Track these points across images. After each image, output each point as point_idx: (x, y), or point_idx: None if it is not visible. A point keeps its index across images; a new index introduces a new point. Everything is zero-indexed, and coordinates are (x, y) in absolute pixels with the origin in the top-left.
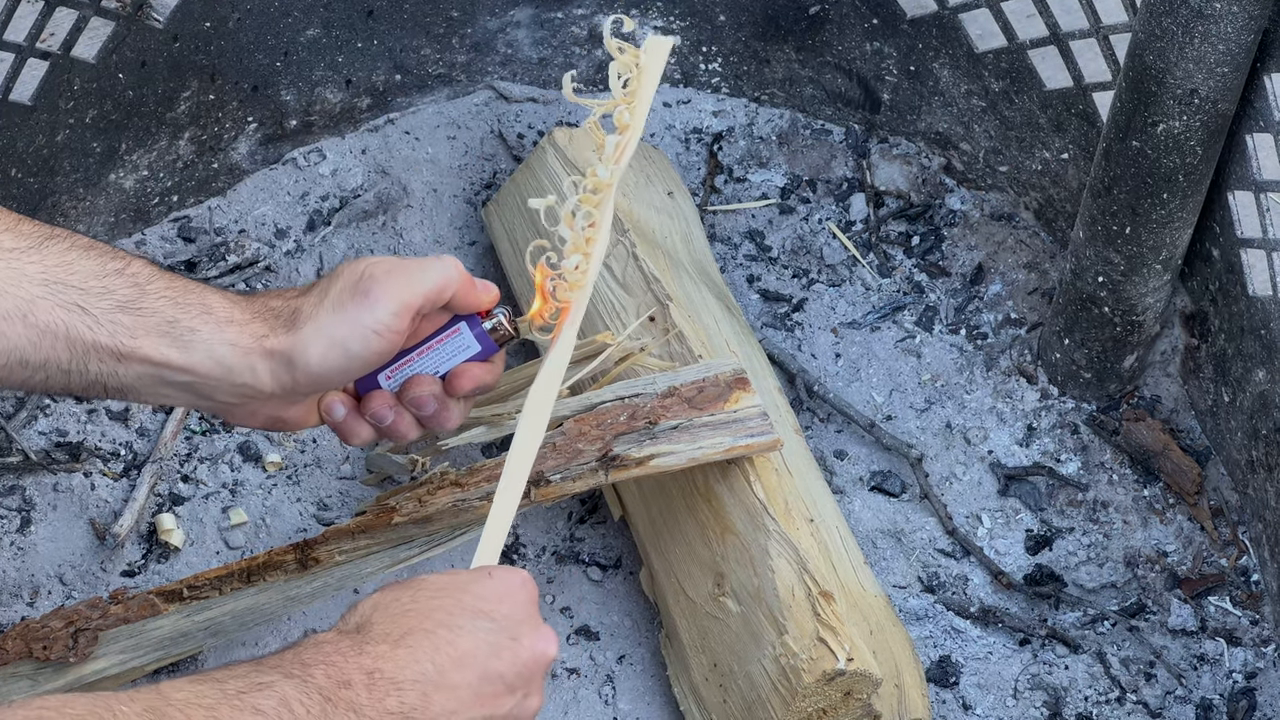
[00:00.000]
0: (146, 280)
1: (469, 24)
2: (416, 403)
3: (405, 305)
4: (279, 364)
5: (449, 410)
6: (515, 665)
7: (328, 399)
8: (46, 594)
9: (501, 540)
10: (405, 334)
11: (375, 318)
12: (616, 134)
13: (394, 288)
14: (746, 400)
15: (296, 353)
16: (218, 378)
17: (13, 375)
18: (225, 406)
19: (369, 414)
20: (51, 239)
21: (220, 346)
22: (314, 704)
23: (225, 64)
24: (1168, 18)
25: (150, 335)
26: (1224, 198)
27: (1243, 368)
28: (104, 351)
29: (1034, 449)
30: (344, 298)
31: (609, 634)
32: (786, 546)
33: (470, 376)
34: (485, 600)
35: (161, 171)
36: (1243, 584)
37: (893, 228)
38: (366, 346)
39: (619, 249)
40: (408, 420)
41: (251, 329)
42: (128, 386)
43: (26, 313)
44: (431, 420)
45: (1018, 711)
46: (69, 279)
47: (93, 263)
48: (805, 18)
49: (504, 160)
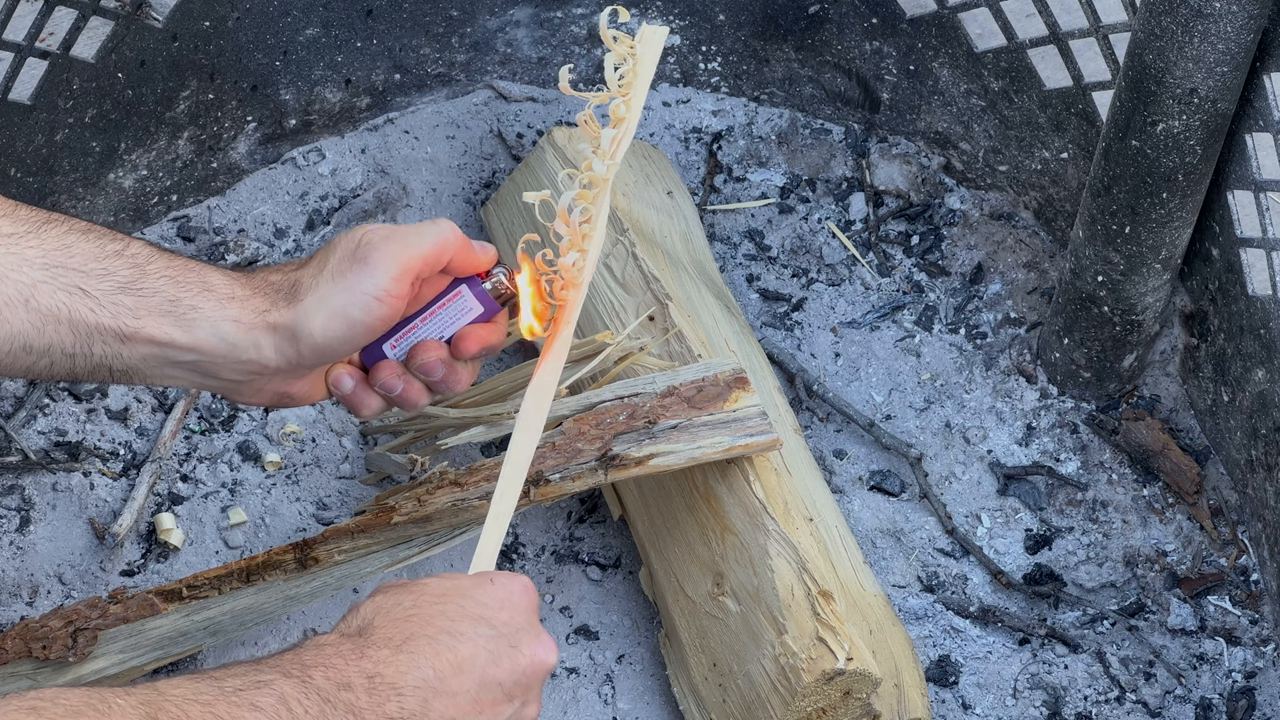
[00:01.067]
0: (146, 260)
1: (468, 23)
2: (424, 369)
3: (404, 269)
4: (283, 338)
5: (457, 373)
6: (514, 673)
7: (335, 372)
8: (46, 593)
9: (498, 544)
10: (406, 299)
11: (375, 284)
12: (612, 128)
13: (392, 253)
14: (746, 400)
15: (299, 325)
16: (222, 355)
17: (17, 362)
18: (231, 385)
19: (378, 385)
20: (49, 223)
21: (223, 323)
22: (312, 704)
23: (224, 63)
24: (1167, 17)
25: (153, 315)
26: (1223, 197)
27: (1242, 367)
28: (107, 334)
29: (1033, 448)
30: (343, 266)
31: (608, 633)
32: (786, 546)
33: (476, 338)
34: (486, 607)
35: (161, 171)
36: (1242, 583)
37: (892, 227)
38: (368, 313)
39: (618, 248)
40: (417, 387)
41: (253, 304)
42: (132, 369)
43: (28, 298)
44: (441, 385)
45: (1017, 711)
46: (69, 262)
47: (91, 245)
48: (805, 17)
49: (503, 160)
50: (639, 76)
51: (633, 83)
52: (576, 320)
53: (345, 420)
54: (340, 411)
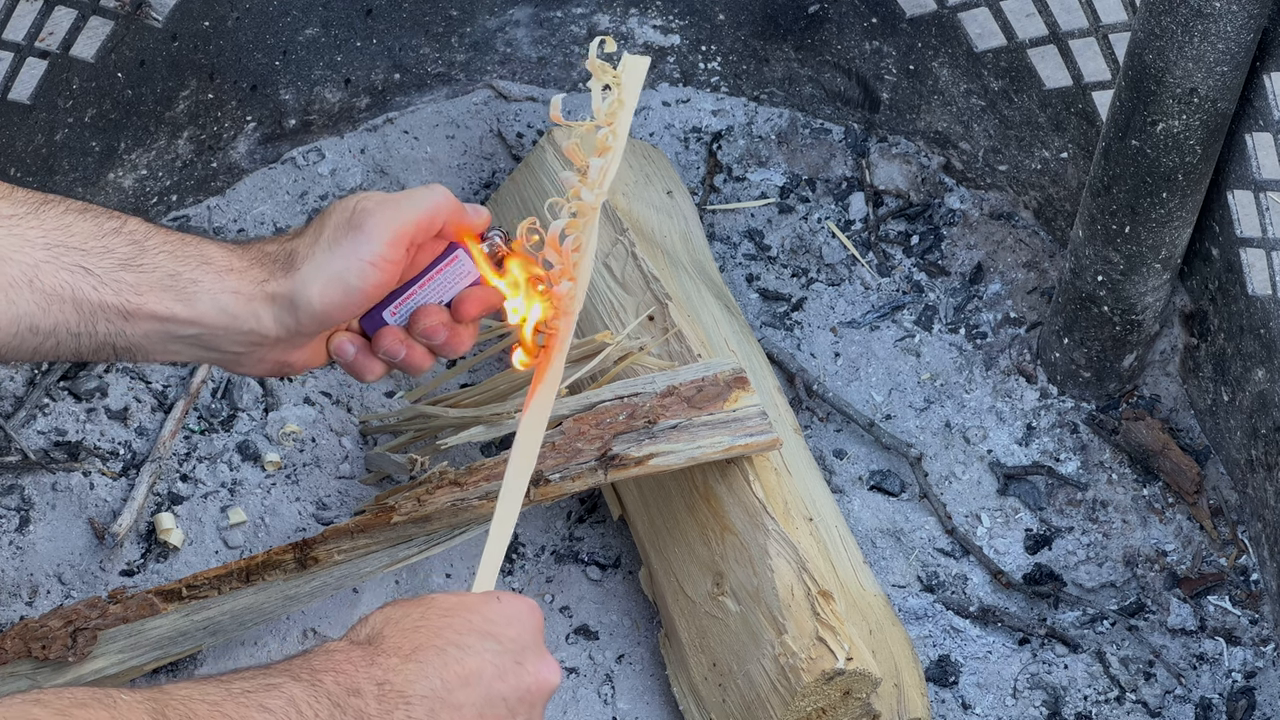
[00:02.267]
0: (144, 236)
1: (468, 23)
2: (427, 333)
3: (399, 235)
4: (281, 307)
5: (460, 336)
6: (519, 690)
7: (336, 340)
8: (45, 593)
9: (497, 567)
10: (402, 264)
11: (371, 250)
12: (598, 156)
13: (386, 219)
14: (746, 399)
15: (298, 293)
16: (223, 327)
17: (25, 344)
18: (232, 356)
19: (382, 351)
20: (46, 204)
21: (223, 295)
22: (322, 708)
23: (224, 63)
24: (1167, 16)
25: (154, 291)
26: (1223, 197)
27: (1242, 367)
28: (111, 311)
29: (1033, 448)
30: (338, 234)
31: (608, 633)
32: (785, 546)
33: (476, 300)
34: (493, 623)
35: (160, 171)
36: (1242, 583)
37: (892, 227)
38: (365, 280)
39: (618, 248)
40: (420, 352)
41: (251, 275)
42: (136, 345)
43: (32, 278)
44: (444, 348)
45: (1017, 711)
46: (69, 241)
47: (90, 224)
48: (804, 17)
49: (503, 159)
50: (624, 106)
51: (618, 112)
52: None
53: (345, 420)
54: (340, 411)
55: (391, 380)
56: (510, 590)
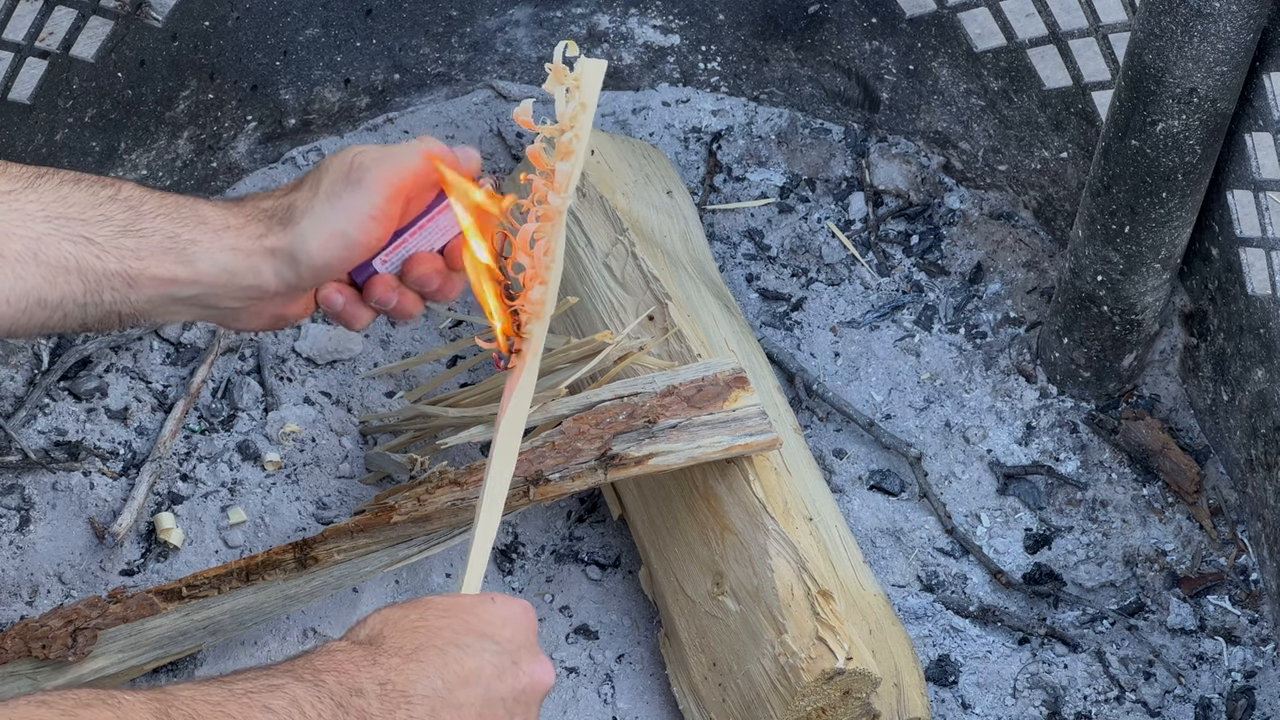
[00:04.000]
0: (139, 201)
1: (468, 23)
2: (421, 280)
3: (397, 189)
4: (281, 261)
5: (452, 282)
6: (516, 690)
7: (324, 291)
8: (45, 593)
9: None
10: (398, 217)
11: (370, 203)
12: (562, 160)
13: (383, 172)
14: (745, 399)
15: (298, 247)
16: (223, 284)
17: (33, 319)
18: (230, 313)
19: (374, 299)
20: (41, 177)
21: (221, 253)
22: (325, 708)
23: (224, 63)
24: (1167, 17)
25: (155, 255)
26: (1223, 197)
27: (1242, 366)
28: (115, 278)
29: (1033, 448)
30: (337, 188)
31: (608, 633)
32: (785, 545)
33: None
34: (489, 624)
35: (161, 170)
36: (1242, 583)
37: (892, 227)
38: (365, 233)
39: (618, 248)
40: (411, 298)
41: (249, 231)
42: (140, 311)
43: (36, 251)
44: (436, 295)
45: (1017, 710)
46: (68, 212)
47: (86, 193)
48: (804, 17)
49: (503, 159)
50: (585, 109)
51: (579, 115)
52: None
53: (345, 420)
54: (340, 411)
55: (391, 380)
56: (509, 590)
